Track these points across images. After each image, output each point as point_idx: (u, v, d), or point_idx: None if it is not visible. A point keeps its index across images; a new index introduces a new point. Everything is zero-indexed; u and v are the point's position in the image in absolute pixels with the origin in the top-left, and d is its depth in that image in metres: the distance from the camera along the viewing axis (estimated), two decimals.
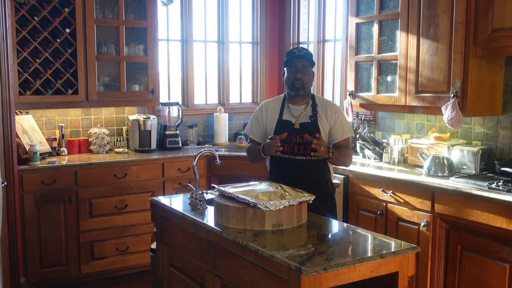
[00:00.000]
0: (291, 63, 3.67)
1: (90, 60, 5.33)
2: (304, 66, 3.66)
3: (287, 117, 3.70)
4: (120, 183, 5.23)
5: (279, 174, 3.67)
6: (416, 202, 4.27)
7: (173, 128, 5.99)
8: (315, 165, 3.64)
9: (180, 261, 3.42)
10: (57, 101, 5.25)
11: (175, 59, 6.40)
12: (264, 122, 3.79)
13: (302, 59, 3.66)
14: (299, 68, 3.65)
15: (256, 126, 3.83)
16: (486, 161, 4.40)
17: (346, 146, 3.74)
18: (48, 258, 4.99)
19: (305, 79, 3.66)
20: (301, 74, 3.65)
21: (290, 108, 3.73)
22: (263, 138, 3.81)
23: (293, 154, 3.63)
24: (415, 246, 2.73)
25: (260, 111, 3.83)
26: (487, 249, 3.81)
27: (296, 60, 3.66)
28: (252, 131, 3.86)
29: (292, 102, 3.75)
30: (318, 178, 3.67)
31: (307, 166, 3.62)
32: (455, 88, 4.27)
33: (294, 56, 3.67)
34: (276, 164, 3.73)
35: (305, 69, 3.66)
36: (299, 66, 3.65)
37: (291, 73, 3.68)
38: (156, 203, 3.64)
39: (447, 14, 4.31)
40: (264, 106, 3.84)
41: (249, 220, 2.92)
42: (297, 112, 3.70)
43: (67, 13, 5.18)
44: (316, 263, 2.44)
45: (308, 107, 3.70)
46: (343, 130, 3.70)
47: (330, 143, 3.69)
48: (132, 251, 5.35)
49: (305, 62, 3.66)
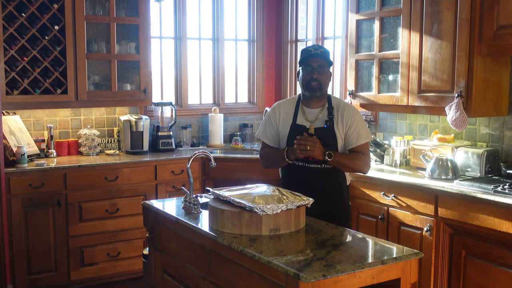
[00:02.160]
0: (306, 62, 3.58)
1: (80, 59, 5.31)
2: (321, 65, 3.56)
3: (301, 121, 3.62)
4: (111, 186, 5.22)
5: (293, 182, 3.61)
6: (418, 206, 4.26)
7: (166, 129, 5.98)
8: (331, 173, 3.57)
9: (174, 268, 3.41)
10: (46, 101, 5.24)
11: (168, 57, 6.40)
12: (277, 125, 3.69)
13: (319, 58, 3.56)
14: (315, 67, 3.55)
15: (270, 129, 3.73)
16: (492, 163, 4.40)
17: (360, 152, 3.58)
18: (36, 264, 4.97)
19: (322, 80, 3.56)
20: (318, 74, 3.54)
21: (305, 112, 3.64)
22: (277, 142, 3.72)
23: (307, 162, 3.56)
24: (417, 251, 2.73)
25: (274, 113, 3.73)
26: (492, 255, 3.81)
27: (312, 59, 3.56)
28: (266, 135, 3.75)
29: (307, 105, 3.65)
30: (334, 186, 3.61)
31: (322, 174, 3.55)
32: (460, 88, 4.27)
33: (310, 55, 3.57)
34: (289, 172, 3.65)
35: (321, 69, 3.56)
36: (315, 65, 3.55)
37: (307, 73, 3.57)
38: (149, 207, 3.63)
39: (451, 10, 4.31)
40: (277, 108, 3.74)
41: (245, 225, 2.91)
42: (312, 116, 3.62)
43: (56, 10, 5.17)
44: (315, 269, 2.44)
45: (324, 111, 3.62)
46: (358, 135, 3.57)
47: (346, 148, 3.60)
48: (123, 257, 5.34)
49: (322, 61, 3.56)
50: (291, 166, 3.61)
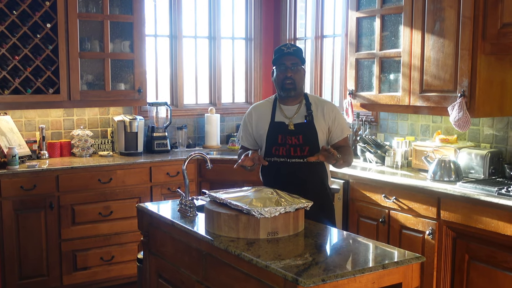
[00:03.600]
0: (280, 61, 3.65)
1: (73, 57, 5.31)
2: (294, 63, 3.63)
3: (280, 118, 3.69)
4: (104, 189, 5.22)
5: (274, 179, 3.65)
6: (420, 208, 4.27)
7: (161, 129, 5.98)
8: (313, 168, 3.63)
9: (169, 272, 3.41)
10: (38, 101, 5.24)
11: (163, 56, 6.39)
12: (253, 128, 3.78)
13: (292, 56, 3.62)
14: (289, 66, 3.62)
15: (245, 133, 3.84)
16: (496, 165, 4.40)
17: (346, 145, 3.75)
18: (27, 269, 4.96)
19: (296, 78, 3.63)
20: (291, 72, 3.62)
21: (282, 109, 3.71)
22: (254, 144, 3.82)
23: (289, 157, 3.62)
24: (419, 255, 2.73)
25: (249, 116, 3.82)
26: (496, 259, 3.81)
27: (285, 58, 3.63)
28: (243, 139, 3.87)
29: (284, 103, 3.73)
30: (316, 182, 3.67)
31: (304, 169, 3.61)
32: (462, 87, 4.27)
33: (283, 54, 3.63)
34: (270, 168, 3.69)
35: (295, 67, 3.63)
36: (289, 64, 3.62)
37: (281, 71, 3.64)
38: (143, 210, 3.63)
39: (453, 7, 4.32)
40: (253, 111, 3.83)
41: (243, 228, 2.91)
42: (290, 113, 3.69)
43: (48, 7, 5.16)
44: (314, 274, 2.43)
45: (301, 107, 3.69)
46: (342, 128, 3.71)
47: (330, 143, 3.70)
48: (117, 261, 5.33)
49: (295, 60, 3.64)
50: (272, 162, 3.66)
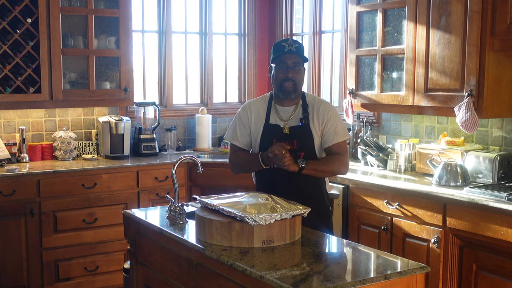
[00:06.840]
0: (280, 59, 3.58)
1: (55, 54, 5.31)
2: (296, 63, 3.57)
3: (275, 120, 3.65)
4: (88, 194, 5.21)
5: (268, 184, 3.63)
6: (425, 215, 4.27)
7: (149, 131, 5.97)
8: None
9: (157, 283, 3.40)
10: (17, 101, 5.23)
11: (151, 53, 6.40)
12: (250, 125, 3.72)
13: (294, 54, 3.55)
14: (290, 66, 3.56)
15: (241, 130, 3.74)
16: (505, 168, 4.40)
17: (337, 153, 3.61)
18: (6, 279, 4.95)
19: (297, 79, 3.58)
20: (293, 73, 3.56)
21: (278, 110, 3.67)
22: (249, 144, 3.75)
23: None
24: (424, 265, 2.73)
25: (245, 112, 3.74)
26: (506, 269, 3.81)
27: (287, 56, 3.56)
28: (236, 137, 3.75)
29: (280, 103, 3.68)
30: (312, 188, 3.64)
31: (299, 174, 3.55)
32: (470, 86, 4.28)
33: (284, 52, 3.56)
34: (264, 174, 3.67)
35: (297, 67, 3.58)
36: (290, 63, 3.56)
37: (281, 71, 3.58)
38: (130, 217, 3.63)
39: (460, 1, 4.32)
40: (248, 107, 3.76)
41: (236, 236, 2.91)
42: (286, 115, 3.65)
43: (28, 1, 5.16)
44: (312, 284, 2.44)
45: (298, 108, 3.65)
46: (335, 132, 3.59)
47: (322, 147, 3.63)
48: (102, 271, 5.33)
49: (297, 59, 3.58)
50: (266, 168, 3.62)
